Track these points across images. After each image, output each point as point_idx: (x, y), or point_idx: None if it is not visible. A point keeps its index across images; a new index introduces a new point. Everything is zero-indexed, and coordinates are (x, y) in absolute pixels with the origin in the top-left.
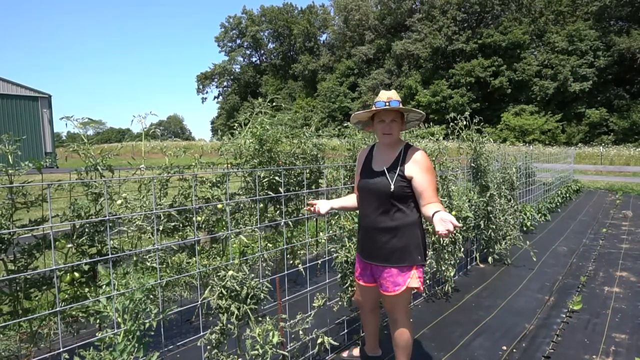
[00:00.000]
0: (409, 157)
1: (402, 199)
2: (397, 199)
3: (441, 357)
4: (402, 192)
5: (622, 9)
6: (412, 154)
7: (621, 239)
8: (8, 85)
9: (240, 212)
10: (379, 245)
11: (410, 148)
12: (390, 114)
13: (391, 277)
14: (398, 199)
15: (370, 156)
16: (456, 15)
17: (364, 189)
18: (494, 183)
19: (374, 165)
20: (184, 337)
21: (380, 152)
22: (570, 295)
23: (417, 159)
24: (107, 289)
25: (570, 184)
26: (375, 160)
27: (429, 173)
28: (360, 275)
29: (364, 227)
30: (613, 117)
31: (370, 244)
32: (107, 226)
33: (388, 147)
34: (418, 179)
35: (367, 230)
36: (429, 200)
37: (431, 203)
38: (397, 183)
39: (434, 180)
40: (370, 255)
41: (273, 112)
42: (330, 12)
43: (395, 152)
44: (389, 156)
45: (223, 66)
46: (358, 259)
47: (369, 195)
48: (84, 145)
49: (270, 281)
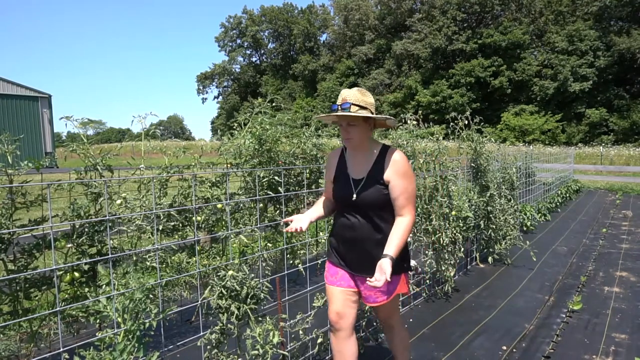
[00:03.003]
0: (387, 160)
1: (382, 207)
2: (381, 208)
3: (441, 357)
4: (383, 200)
5: (622, 9)
6: (390, 157)
7: (621, 239)
8: (8, 85)
9: (240, 212)
10: (366, 258)
11: (388, 150)
12: (345, 117)
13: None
14: (382, 208)
15: (343, 160)
16: (456, 15)
17: (343, 200)
18: (494, 183)
19: (350, 171)
20: (184, 337)
21: (354, 157)
22: (570, 295)
23: (394, 161)
24: (107, 289)
25: (570, 184)
26: (350, 165)
27: (404, 178)
28: (335, 279)
29: (345, 239)
30: (613, 117)
31: (356, 257)
32: (106, 226)
33: (359, 151)
34: (392, 183)
35: (350, 242)
36: (399, 211)
37: (399, 217)
38: (379, 192)
39: (409, 187)
40: (358, 268)
41: (273, 112)
42: (330, 12)
43: (371, 157)
44: (366, 162)
45: (223, 66)
46: (331, 265)
47: (350, 206)
48: (84, 145)
49: (270, 281)
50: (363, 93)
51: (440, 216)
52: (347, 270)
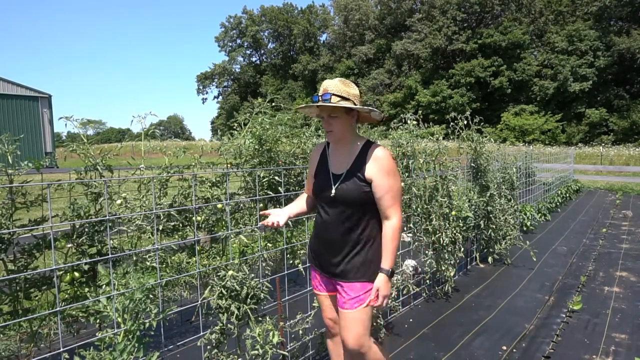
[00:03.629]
0: (369, 156)
1: (363, 207)
2: (359, 206)
3: (441, 357)
4: (364, 198)
5: (622, 9)
6: (372, 152)
7: (621, 239)
8: (8, 85)
9: (240, 212)
10: (334, 259)
11: (371, 145)
12: (325, 108)
13: (349, 293)
14: (358, 206)
15: (325, 154)
16: (456, 15)
17: (321, 196)
18: (494, 183)
19: (331, 166)
20: (184, 337)
21: (336, 151)
22: (570, 295)
23: (377, 158)
24: (107, 289)
25: (570, 184)
26: (331, 160)
27: (389, 176)
28: (317, 284)
29: (317, 236)
30: (613, 117)
31: (324, 257)
32: (106, 226)
33: (342, 145)
34: (376, 182)
35: (322, 240)
36: (384, 212)
37: (386, 221)
38: (359, 188)
39: (395, 186)
40: (324, 267)
41: (273, 112)
42: (330, 12)
43: (354, 151)
44: (347, 156)
45: (223, 66)
46: (312, 268)
47: (328, 202)
48: (84, 145)
49: (270, 281)
50: (346, 84)
51: (440, 216)
52: (322, 273)
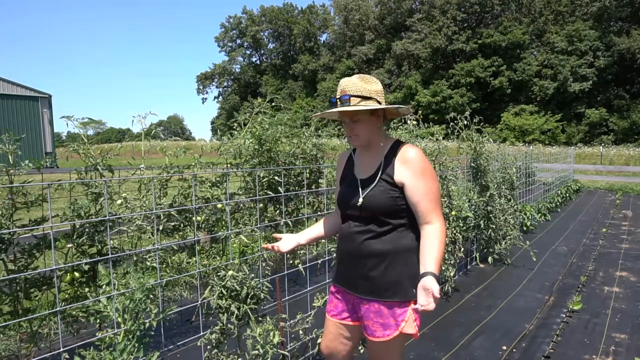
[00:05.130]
0: (399, 158)
1: (393, 215)
2: (387, 215)
3: (441, 357)
4: (394, 205)
5: (622, 9)
6: (404, 154)
7: (621, 239)
8: (8, 85)
9: (240, 212)
10: (362, 274)
11: (401, 146)
12: (346, 113)
13: (379, 317)
14: (388, 215)
15: (351, 160)
16: (456, 15)
17: (343, 203)
18: (493, 183)
19: (356, 171)
20: (184, 337)
21: (362, 155)
22: (570, 295)
23: (409, 159)
24: (107, 289)
25: (570, 184)
26: (357, 165)
27: (425, 178)
28: (331, 307)
29: (343, 250)
30: (613, 117)
31: (350, 272)
32: (107, 226)
33: (369, 149)
34: (409, 186)
35: (348, 254)
36: (424, 218)
37: (427, 225)
38: (385, 194)
39: (433, 188)
40: (351, 284)
41: (273, 112)
42: (330, 12)
43: (381, 153)
44: (375, 160)
45: (223, 66)
46: (334, 289)
47: (351, 210)
48: (84, 145)
49: (270, 281)
50: (366, 80)
51: None
52: (347, 291)
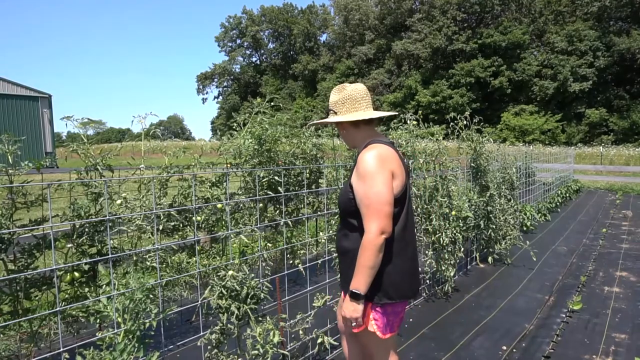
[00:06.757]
0: (357, 160)
1: (353, 215)
2: (348, 215)
3: (441, 357)
4: (350, 206)
5: (622, 9)
6: (359, 156)
7: (621, 239)
8: (8, 85)
9: (239, 212)
10: (339, 268)
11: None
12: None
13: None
14: (349, 215)
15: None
16: (456, 15)
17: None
18: (493, 183)
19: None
20: (184, 337)
21: None
22: (570, 295)
23: (358, 161)
24: (107, 289)
25: (570, 184)
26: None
27: (363, 181)
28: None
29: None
30: (613, 117)
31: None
32: (107, 226)
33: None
34: (354, 189)
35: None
36: (364, 224)
37: (365, 232)
38: (345, 195)
39: (369, 193)
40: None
41: (272, 112)
42: (330, 12)
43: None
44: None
45: (223, 66)
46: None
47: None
48: (84, 145)
49: (270, 281)
50: (333, 92)
51: (440, 216)
52: None
